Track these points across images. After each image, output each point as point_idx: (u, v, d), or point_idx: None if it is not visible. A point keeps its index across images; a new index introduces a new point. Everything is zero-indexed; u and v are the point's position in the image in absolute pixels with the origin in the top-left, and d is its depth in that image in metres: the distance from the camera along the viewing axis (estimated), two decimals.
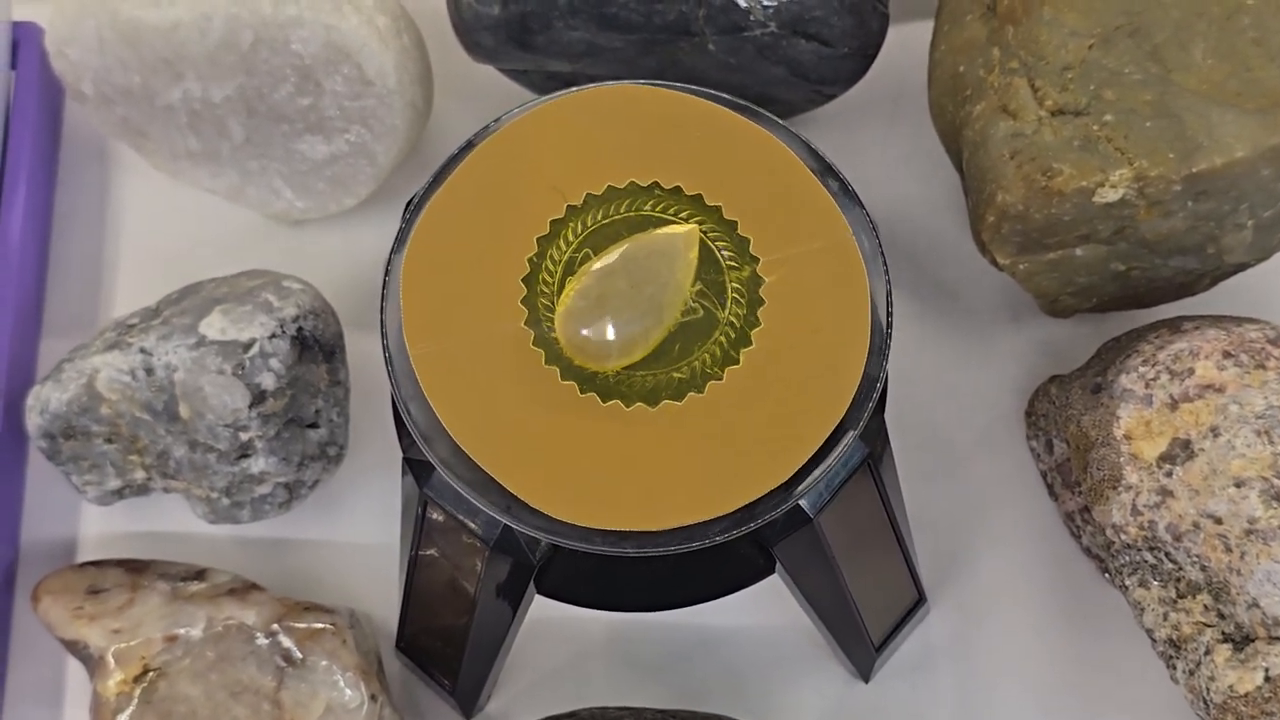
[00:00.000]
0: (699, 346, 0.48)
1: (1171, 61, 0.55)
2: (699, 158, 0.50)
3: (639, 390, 0.47)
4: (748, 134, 0.51)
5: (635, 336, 0.47)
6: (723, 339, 0.48)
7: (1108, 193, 0.55)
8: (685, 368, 0.48)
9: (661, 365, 0.48)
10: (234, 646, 0.57)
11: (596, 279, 0.48)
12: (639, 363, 0.48)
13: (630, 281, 0.48)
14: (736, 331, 0.48)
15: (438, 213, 0.50)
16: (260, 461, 0.59)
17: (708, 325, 0.48)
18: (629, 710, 0.57)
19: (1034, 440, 0.63)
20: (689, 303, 0.48)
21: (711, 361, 0.48)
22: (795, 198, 0.50)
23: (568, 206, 0.50)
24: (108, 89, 0.63)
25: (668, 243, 0.48)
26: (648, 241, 0.48)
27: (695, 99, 0.51)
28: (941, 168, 0.68)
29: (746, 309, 0.48)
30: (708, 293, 0.49)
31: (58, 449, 0.60)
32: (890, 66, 0.67)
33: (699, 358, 0.48)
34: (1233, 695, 0.53)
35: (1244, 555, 0.53)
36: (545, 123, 0.51)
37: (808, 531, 0.50)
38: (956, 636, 0.61)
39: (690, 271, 0.48)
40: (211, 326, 0.58)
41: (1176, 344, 0.57)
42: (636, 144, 0.51)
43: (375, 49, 0.61)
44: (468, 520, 0.51)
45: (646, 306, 0.48)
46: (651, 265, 0.48)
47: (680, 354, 0.48)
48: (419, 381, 0.47)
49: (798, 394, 0.47)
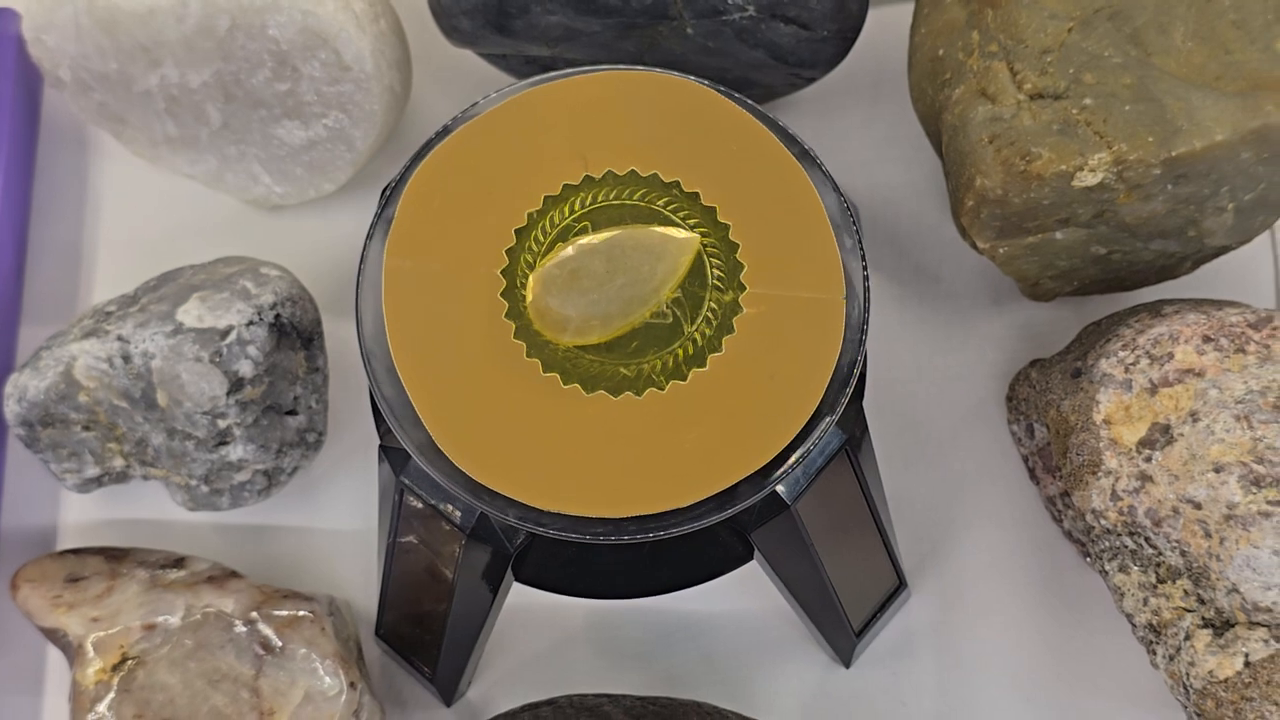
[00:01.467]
0: (666, 347, 0.48)
1: (1151, 45, 0.55)
2: (697, 153, 0.50)
3: (620, 380, 0.47)
4: (741, 125, 0.50)
5: (593, 320, 0.47)
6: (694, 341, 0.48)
7: (1087, 177, 0.54)
8: (657, 361, 0.47)
9: (645, 355, 0.48)
10: (212, 634, 0.57)
11: (577, 252, 0.48)
12: (616, 353, 0.48)
13: (608, 267, 0.48)
14: (712, 330, 0.48)
15: (415, 199, 0.49)
16: (239, 449, 0.59)
17: (675, 331, 0.48)
18: (609, 697, 0.57)
19: (1015, 424, 0.62)
20: (661, 307, 0.48)
21: (684, 357, 0.47)
22: (784, 189, 0.49)
23: (567, 183, 0.49)
24: (85, 75, 0.63)
25: (660, 242, 0.48)
26: (640, 235, 0.48)
27: (690, 84, 0.51)
28: (921, 151, 0.68)
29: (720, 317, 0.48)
30: (683, 302, 0.48)
31: (36, 437, 0.59)
32: (870, 50, 0.66)
33: (671, 355, 0.48)
34: (1213, 680, 0.52)
35: (1223, 541, 0.53)
36: (532, 107, 0.51)
37: (785, 519, 0.50)
38: (937, 621, 0.61)
39: (673, 278, 0.48)
40: (189, 314, 0.58)
41: (1156, 328, 0.56)
42: (631, 132, 0.50)
43: (352, 34, 0.61)
44: (445, 508, 0.51)
45: (614, 295, 0.47)
46: (634, 259, 0.48)
47: (663, 345, 0.48)
48: (395, 371, 0.47)
49: (775, 380, 0.47)
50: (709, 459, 0.46)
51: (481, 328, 0.48)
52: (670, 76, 0.51)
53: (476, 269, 0.48)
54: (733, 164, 0.50)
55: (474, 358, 0.47)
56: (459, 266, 0.48)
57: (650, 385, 0.47)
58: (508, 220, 0.49)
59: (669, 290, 0.48)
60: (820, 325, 0.48)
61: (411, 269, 0.48)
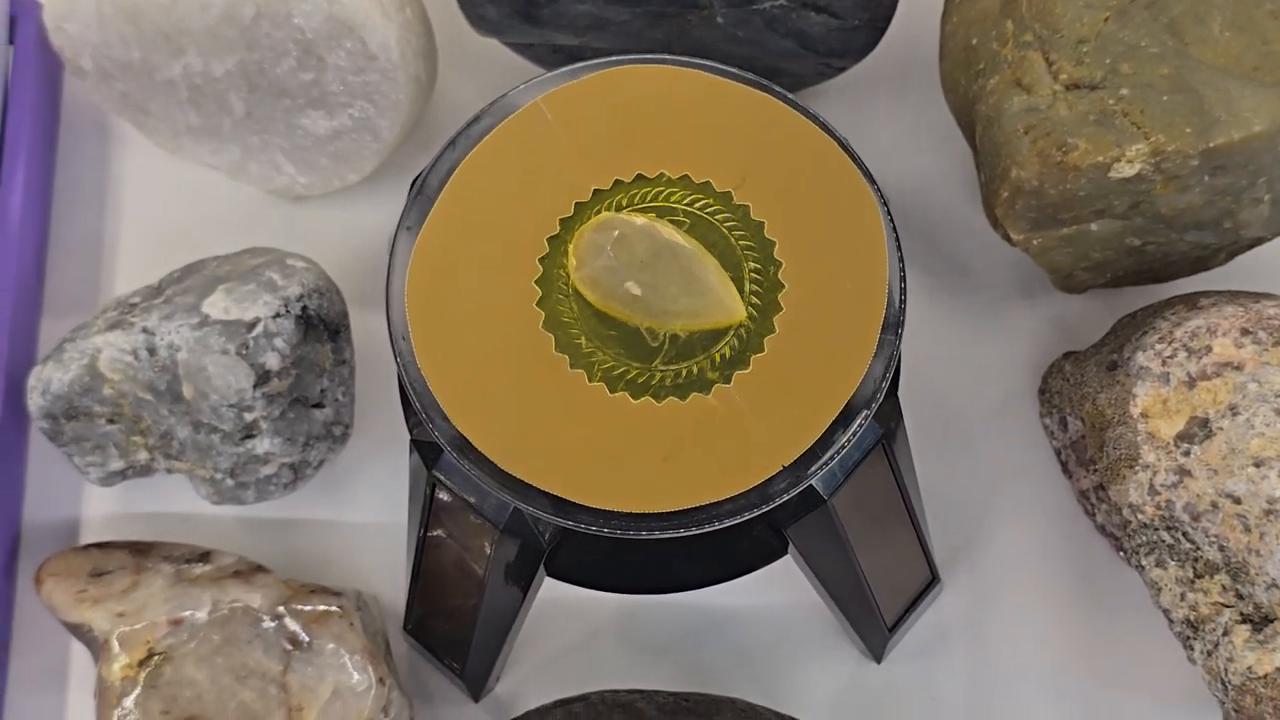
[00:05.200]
0: (712, 345, 0.47)
1: (1189, 35, 0.55)
2: (738, 149, 0.49)
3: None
4: (780, 118, 0.50)
5: (615, 291, 0.47)
6: (735, 340, 0.47)
7: (1124, 168, 0.54)
8: (696, 365, 0.47)
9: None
10: (240, 630, 0.56)
11: (628, 226, 0.47)
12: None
13: (647, 259, 0.47)
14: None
15: (453, 191, 0.49)
16: (265, 442, 0.58)
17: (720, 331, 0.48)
18: (641, 693, 0.57)
19: (1047, 418, 0.62)
20: (658, 331, 0.48)
21: (721, 361, 0.47)
22: (821, 182, 0.49)
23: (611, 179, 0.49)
24: (107, 64, 0.62)
25: (703, 288, 0.48)
26: (695, 265, 0.48)
27: (730, 83, 0.50)
28: (952, 141, 0.67)
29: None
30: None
31: (60, 430, 0.59)
32: (901, 39, 0.66)
33: (710, 357, 0.47)
34: (1251, 676, 0.52)
35: (1263, 536, 0.52)
36: (574, 101, 0.50)
37: (821, 513, 0.50)
38: (969, 616, 0.61)
39: (694, 322, 0.48)
40: (215, 306, 0.58)
41: (1193, 321, 0.56)
42: (664, 131, 0.50)
43: (378, 23, 0.60)
44: (476, 502, 0.51)
45: (635, 278, 0.47)
46: (672, 274, 0.48)
47: (699, 349, 0.47)
48: (421, 368, 0.47)
49: (810, 375, 0.46)
50: (745, 454, 0.46)
51: (510, 323, 0.47)
52: (701, 74, 0.51)
53: (508, 266, 0.48)
54: (772, 157, 0.49)
55: (503, 352, 0.47)
56: (490, 261, 0.48)
57: (693, 389, 0.46)
58: (552, 213, 0.48)
59: (679, 326, 0.47)
60: (858, 320, 0.47)
61: (440, 263, 0.48)
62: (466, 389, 0.47)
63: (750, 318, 0.47)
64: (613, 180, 0.49)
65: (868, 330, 0.47)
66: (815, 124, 0.50)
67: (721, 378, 0.47)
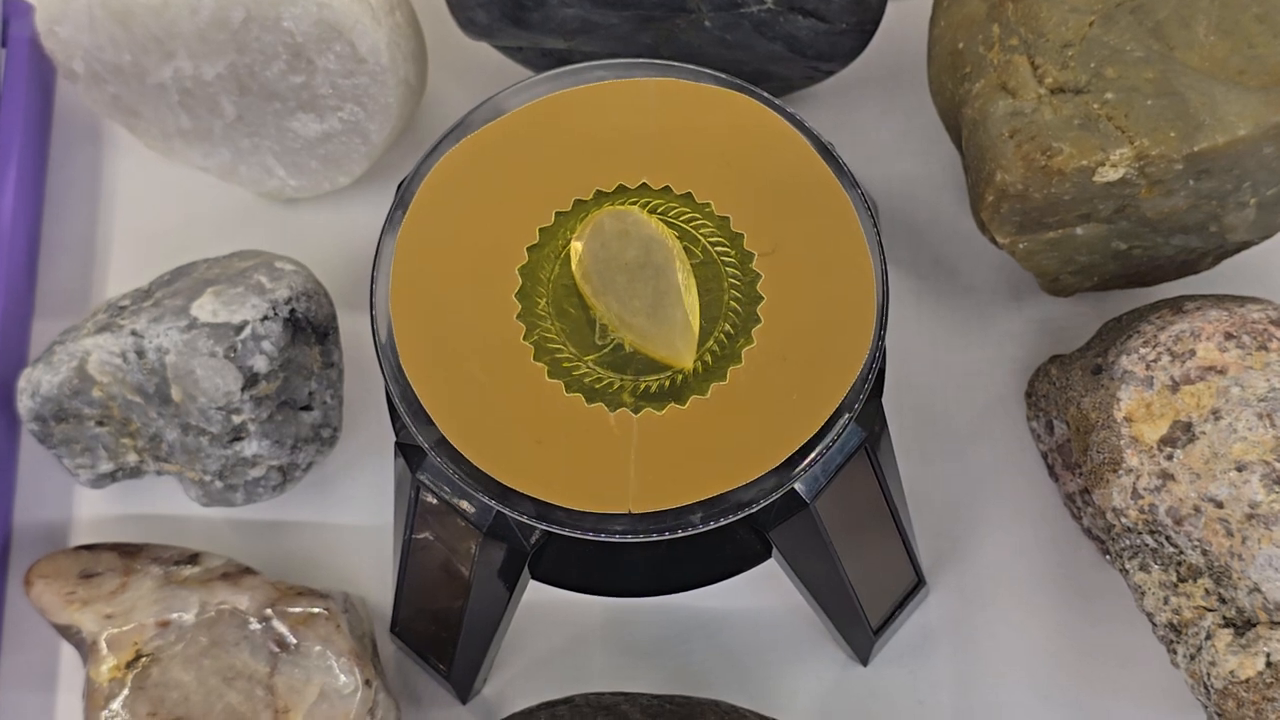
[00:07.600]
0: (645, 374, 0.47)
1: (1174, 39, 0.55)
2: (716, 157, 0.49)
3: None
4: (764, 122, 0.50)
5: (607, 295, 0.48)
6: (715, 347, 0.47)
7: (1108, 172, 0.54)
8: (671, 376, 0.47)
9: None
10: (227, 632, 0.57)
11: (626, 224, 0.48)
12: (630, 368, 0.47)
13: (638, 261, 0.48)
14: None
15: (432, 195, 0.49)
16: (253, 444, 0.58)
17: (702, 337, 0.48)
18: (625, 695, 0.57)
19: (1034, 421, 0.62)
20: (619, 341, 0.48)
21: (713, 361, 0.47)
22: (804, 188, 0.49)
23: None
24: (99, 67, 0.63)
25: (671, 315, 0.48)
26: (673, 292, 0.48)
27: (715, 88, 0.50)
28: (940, 145, 0.67)
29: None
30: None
31: (49, 432, 0.59)
32: (889, 43, 0.66)
33: (636, 382, 0.47)
34: (1234, 680, 0.52)
35: (1245, 540, 0.52)
36: (553, 111, 0.50)
37: (804, 517, 0.50)
38: (956, 619, 0.61)
39: (643, 344, 0.48)
40: (203, 308, 0.58)
41: (1178, 325, 0.56)
42: (647, 141, 0.50)
43: (368, 26, 0.60)
44: (461, 505, 0.51)
45: (619, 302, 0.47)
46: (649, 290, 0.48)
47: (631, 369, 0.48)
48: (406, 372, 0.47)
49: (793, 378, 0.47)
50: (727, 458, 0.46)
51: (493, 328, 0.47)
52: (685, 82, 0.51)
53: (489, 274, 0.48)
54: (754, 163, 0.49)
55: (484, 359, 0.47)
56: (472, 268, 0.48)
57: (670, 400, 0.47)
58: (527, 221, 0.49)
59: (628, 340, 0.47)
60: (842, 322, 0.47)
61: (423, 267, 0.48)
62: (450, 393, 0.47)
63: (696, 370, 0.47)
64: (593, 191, 0.49)
65: (849, 334, 0.47)
66: (799, 129, 0.50)
67: (700, 388, 0.47)
